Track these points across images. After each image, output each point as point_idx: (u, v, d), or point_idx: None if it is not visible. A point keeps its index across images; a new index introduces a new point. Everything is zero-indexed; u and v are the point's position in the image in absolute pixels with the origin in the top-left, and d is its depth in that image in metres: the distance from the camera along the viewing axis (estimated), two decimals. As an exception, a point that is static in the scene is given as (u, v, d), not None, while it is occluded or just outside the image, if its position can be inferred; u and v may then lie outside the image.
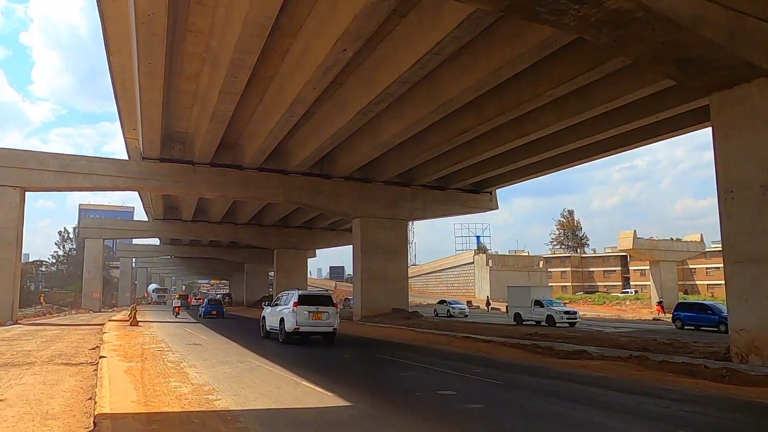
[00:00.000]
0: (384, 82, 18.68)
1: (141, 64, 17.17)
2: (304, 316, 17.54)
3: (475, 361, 13.42)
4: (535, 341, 17.45)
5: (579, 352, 14.90)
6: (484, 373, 10.86)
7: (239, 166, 29.67)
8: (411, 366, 12.34)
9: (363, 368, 12.45)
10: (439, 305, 43.94)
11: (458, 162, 29.39)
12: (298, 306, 17.70)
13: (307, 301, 18.05)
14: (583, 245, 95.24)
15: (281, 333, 18.08)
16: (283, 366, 10.73)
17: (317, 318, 17.75)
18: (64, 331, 20.22)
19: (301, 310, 17.64)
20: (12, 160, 26.08)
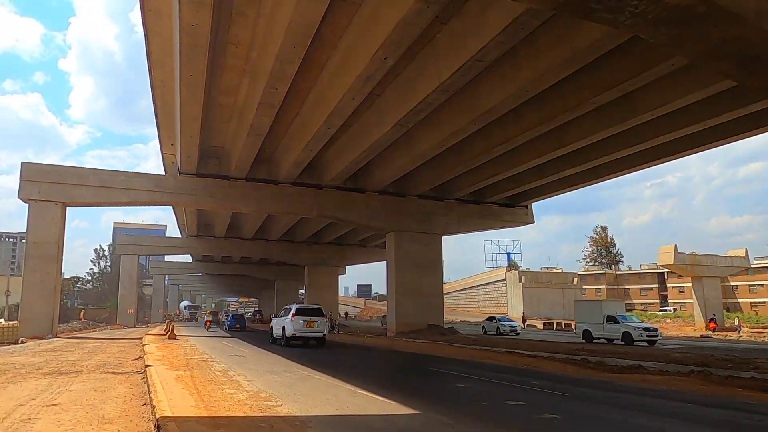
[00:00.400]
0: (423, 91, 18.45)
1: (182, 77, 17.30)
2: (300, 325, 22.05)
3: (528, 374, 12.87)
4: (584, 356, 16.76)
5: (634, 367, 14.20)
6: (544, 385, 10.34)
7: (274, 180, 29.72)
8: (464, 377, 11.88)
9: (416, 379, 12.05)
10: (488, 322, 40.65)
11: (494, 174, 28.92)
12: (296, 317, 22.27)
13: (302, 312, 22.93)
14: (617, 262, 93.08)
15: (283, 338, 22.26)
16: (333, 376, 10.39)
17: (310, 326, 22.24)
18: (104, 343, 20.26)
19: (297, 320, 22.19)
20: (54, 176, 26.57)
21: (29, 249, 25.95)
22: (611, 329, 28.21)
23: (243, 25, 16.48)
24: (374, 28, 15.10)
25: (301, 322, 22.08)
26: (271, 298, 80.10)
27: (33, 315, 25.14)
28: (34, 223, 25.93)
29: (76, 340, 22.14)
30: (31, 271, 25.65)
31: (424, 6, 13.26)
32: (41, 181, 26.17)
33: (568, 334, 37.68)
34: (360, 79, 17.21)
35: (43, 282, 25.50)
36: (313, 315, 22.89)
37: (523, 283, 66.05)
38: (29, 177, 26.17)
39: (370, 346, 23.99)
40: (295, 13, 13.61)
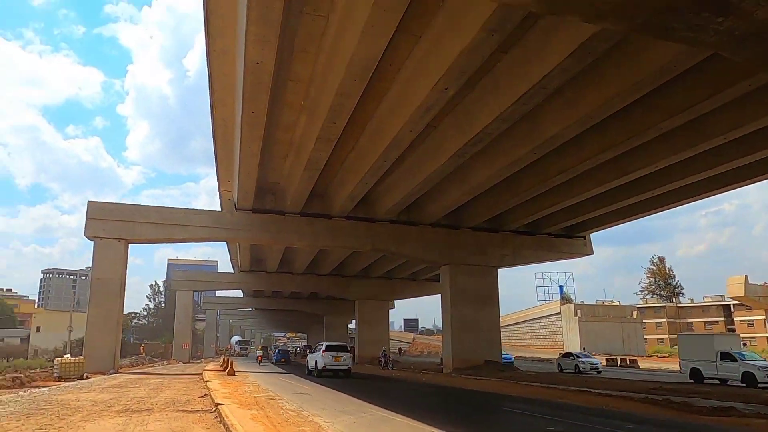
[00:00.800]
0: (482, 121, 18.19)
1: (244, 114, 17.60)
2: (329, 359, 26.18)
3: (615, 416, 12.04)
4: (665, 395, 15.67)
5: (724, 408, 13.12)
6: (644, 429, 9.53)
7: (327, 215, 29.82)
8: (550, 420, 11.18)
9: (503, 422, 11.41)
10: (564, 359, 36.86)
11: (551, 205, 28.15)
12: (325, 352, 26.60)
13: (331, 348, 27.31)
14: (677, 294, 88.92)
15: (315, 369, 26.46)
16: (409, 416, 9.93)
17: (337, 360, 26.36)
18: (165, 379, 20.35)
19: (327, 354, 26.40)
20: (117, 214, 27.43)
21: (94, 285, 26.67)
22: (727, 368, 24.55)
23: (303, 62, 16.69)
24: (435, 58, 15.02)
25: (330, 357, 26.34)
26: (320, 332, 79.98)
27: (96, 350, 25.62)
28: (99, 260, 26.69)
29: (138, 376, 22.36)
30: (95, 306, 26.29)
31: (488, 35, 13.09)
32: (106, 219, 27.04)
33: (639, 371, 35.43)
34: (419, 110, 17.10)
35: (107, 318, 26.06)
36: (339, 351, 27.32)
37: (579, 317, 63.68)
38: (95, 215, 27.10)
39: (430, 383, 23.30)
40: (357, 48, 13.67)
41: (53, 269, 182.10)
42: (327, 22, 14.66)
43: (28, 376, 25.41)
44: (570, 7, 8.82)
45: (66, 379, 20.87)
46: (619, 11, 9.20)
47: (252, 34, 13.13)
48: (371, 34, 13.02)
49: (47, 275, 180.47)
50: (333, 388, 17.87)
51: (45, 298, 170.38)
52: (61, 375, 21.13)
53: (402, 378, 26.47)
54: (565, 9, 9.01)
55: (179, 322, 52.92)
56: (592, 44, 13.40)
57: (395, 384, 21.30)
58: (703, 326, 75.70)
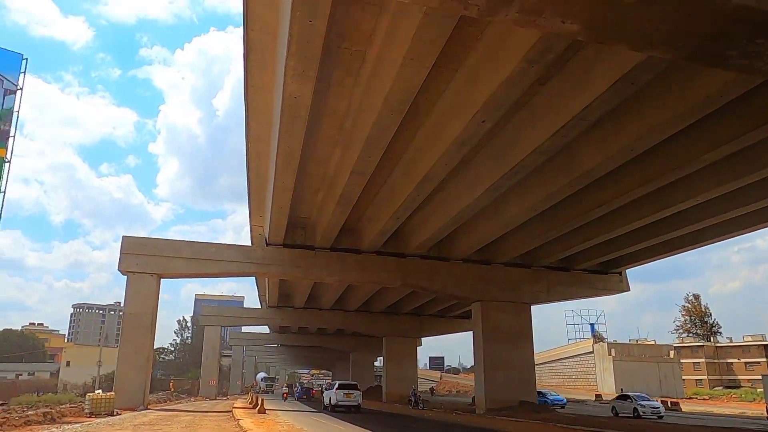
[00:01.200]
0: (518, 154, 17.94)
1: (280, 148, 17.66)
2: (341, 396, 31.02)
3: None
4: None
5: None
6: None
7: (357, 250, 29.63)
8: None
9: None
10: (620, 402, 34.74)
11: (587, 239, 27.47)
12: (338, 390, 31.83)
13: (343, 387, 32.51)
14: (714, 333, 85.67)
15: (330, 405, 31.19)
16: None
17: (348, 397, 31.29)
18: (196, 417, 20.01)
19: (339, 392, 31.42)
20: (150, 249, 27.65)
21: (126, 320, 26.72)
22: None
23: (339, 95, 16.77)
24: (473, 90, 14.94)
25: (342, 394, 31.29)
26: (345, 369, 78.90)
27: (126, 386, 25.47)
28: (132, 295, 26.81)
29: (168, 413, 22.05)
30: (126, 341, 26.29)
31: (528, 66, 12.97)
32: (139, 253, 27.27)
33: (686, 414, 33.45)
34: (455, 144, 16.97)
35: (137, 353, 25.99)
36: (350, 389, 32.55)
37: (613, 356, 61.58)
38: (129, 250, 27.36)
39: (466, 425, 22.46)
40: (395, 81, 13.67)
41: (83, 304, 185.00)
42: (364, 57, 14.73)
43: (59, 411, 25.33)
44: (619, 36, 8.63)
45: (97, 415, 20.68)
46: (671, 39, 8.97)
47: (291, 68, 13.22)
48: (410, 66, 13.01)
49: (77, 309, 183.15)
50: (364, 428, 17.29)
51: (75, 332, 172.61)
52: (92, 411, 20.97)
53: (437, 420, 25.66)
54: (614, 38, 8.82)
55: (207, 358, 52.70)
56: (635, 74, 13.16)
57: (432, 426, 20.54)
58: (744, 367, 72.52)
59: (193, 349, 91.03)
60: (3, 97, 24.82)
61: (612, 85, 13.51)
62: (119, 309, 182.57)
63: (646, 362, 62.02)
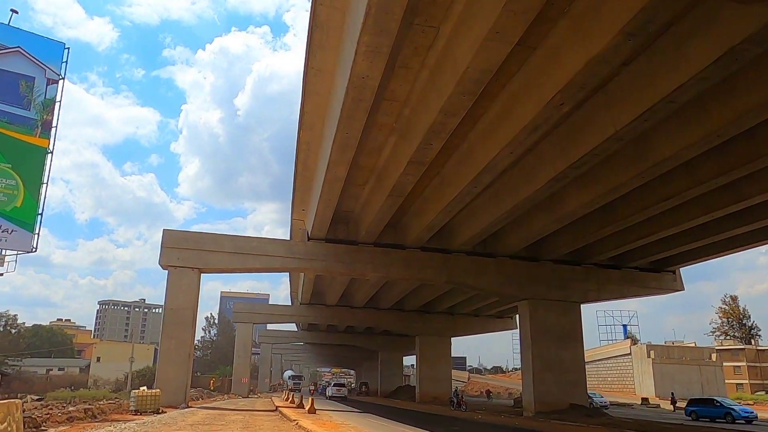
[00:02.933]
0: (590, 142, 16.75)
1: (338, 134, 16.74)
2: (334, 390, 53.63)
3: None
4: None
5: None
6: None
7: (401, 245, 28.66)
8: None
9: None
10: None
11: (645, 236, 26.07)
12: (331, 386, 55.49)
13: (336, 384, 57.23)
14: (753, 336, 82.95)
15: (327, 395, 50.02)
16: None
17: (339, 391, 53.81)
18: (246, 416, 19.23)
19: (333, 388, 55.08)
20: (191, 243, 27.00)
21: (167, 315, 26.10)
22: None
23: (403, 79, 15.80)
24: (553, 70, 13.82)
25: (335, 389, 54.19)
26: (372, 369, 77.98)
27: (168, 383, 24.84)
28: (172, 290, 26.19)
29: (216, 412, 21.32)
30: (168, 337, 25.67)
31: (624, 40, 11.81)
32: (180, 247, 26.64)
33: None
34: (525, 130, 15.85)
35: (179, 349, 25.37)
36: (341, 386, 56.29)
37: (652, 359, 59.64)
38: (170, 244, 26.74)
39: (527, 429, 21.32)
40: (475, 58, 12.61)
41: (109, 301, 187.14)
42: (437, 34, 13.74)
43: (99, 407, 24.81)
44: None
45: (143, 413, 20.02)
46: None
47: (363, 44, 12.29)
48: (494, 41, 11.96)
49: (103, 306, 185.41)
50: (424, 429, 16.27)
51: (100, 328, 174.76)
52: (137, 408, 20.32)
53: (487, 421, 24.52)
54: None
55: (239, 356, 52.20)
56: (745, 48, 11.91)
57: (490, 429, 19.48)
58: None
59: (220, 346, 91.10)
60: (46, 86, 24.37)
61: (714, 61, 12.28)
62: (144, 306, 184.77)
63: (686, 365, 59.98)
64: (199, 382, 62.37)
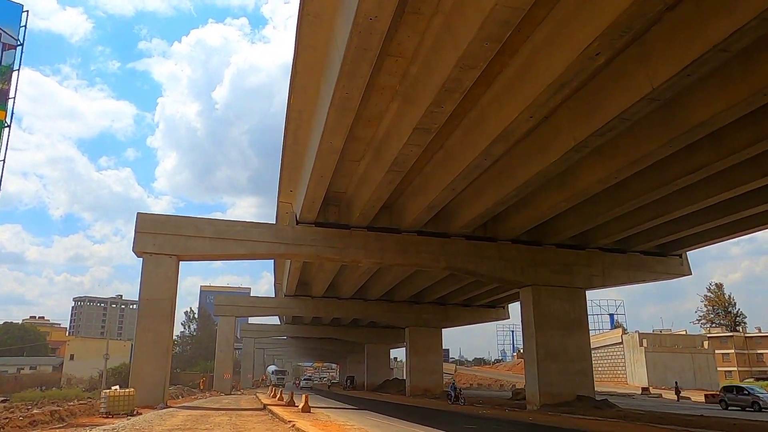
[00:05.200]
0: (620, 104, 14.87)
1: (336, 94, 14.62)
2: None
3: None
4: None
5: None
6: None
7: (396, 229, 26.69)
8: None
9: None
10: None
11: (654, 217, 24.52)
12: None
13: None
14: (739, 323, 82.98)
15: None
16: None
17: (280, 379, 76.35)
18: (232, 417, 17.10)
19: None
20: (169, 228, 24.68)
21: (142, 307, 23.80)
22: None
23: (413, 28, 13.73)
24: (588, 13, 11.91)
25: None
26: (358, 362, 76.18)
27: (144, 380, 22.61)
28: (148, 279, 23.90)
29: (198, 412, 19.12)
30: (144, 330, 23.38)
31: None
32: (156, 232, 24.31)
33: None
34: (550, 89, 13.92)
35: (156, 343, 23.12)
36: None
37: (645, 347, 58.69)
38: (145, 229, 24.39)
39: (537, 424, 19.56)
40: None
41: (84, 297, 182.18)
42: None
43: (67, 409, 22.46)
44: None
45: (115, 415, 17.77)
46: None
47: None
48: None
49: (78, 303, 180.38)
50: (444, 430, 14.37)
51: (76, 325, 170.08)
52: (109, 410, 18.05)
53: (496, 417, 22.73)
54: None
55: (220, 350, 49.77)
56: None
57: (506, 426, 17.67)
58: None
59: (200, 342, 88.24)
60: (1, 52, 21.74)
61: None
62: (121, 302, 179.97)
63: (679, 353, 59.18)
64: (179, 379, 59.87)
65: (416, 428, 15.15)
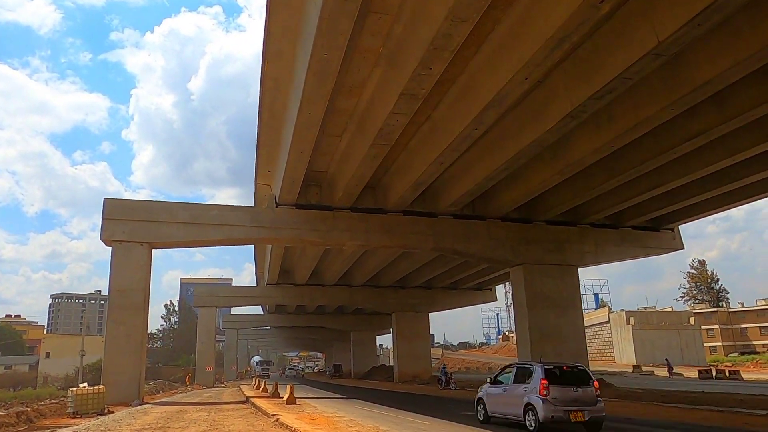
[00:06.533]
0: (621, 62, 13.77)
1: (314, 57, 13.25)
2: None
3: None
4: None
5: None
6: None
7: (381, 209, 25.47)
8: None
9: None
10: None
11: (647, 190, 23.60)
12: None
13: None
14: (721, 299, 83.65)
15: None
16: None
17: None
18: (210, 412, 15.83)
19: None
20: (140, 213, 23.13)
21: (113, 298, 22.32)
22: None
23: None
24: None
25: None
26: (344, 350, 75.21)
27: (117, 376, 21.21)
28: (118, 268, 22.39)
29: (174, 408, 17.78)
30: (115, 323, 21.92)
31: None
32: (126, 219, 22.75)
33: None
34: (548, 45, 12.71)
35: (129, 336, 21.67)
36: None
37: (632, 325, 58.53)
38: (113, 215, 22.81)
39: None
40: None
41: (62, 294, 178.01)
42: None
43: (36, 410, 21.02)
44: None
45: (83, 415, 16.39)
46: None
47: None
48: None
49: (56, 300, 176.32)
50: (456, 422, 13.28)
51: (54, 323, 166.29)
52: (76, 410, 16.65)
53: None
54: None
55: (201, 343, 48.23)
56: None
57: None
58: (759, 332, 70.30)
59: (182, 335, 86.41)
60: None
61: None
62: (100, 298, 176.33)
63: (665, 330, 59.16)
64: (160, 374, 58.28)
65: (412, 417, 14.04)
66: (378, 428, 10.25)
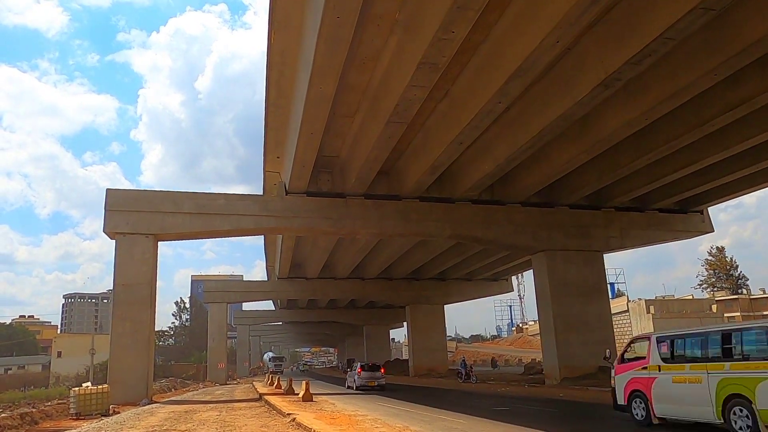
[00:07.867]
0: (662, 21, 12.50)
1: (325, 21, 12.04)
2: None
3: None
4: None
5: None
6: None
7: (396, 196, 24.29)
8: None
9: None
10: None
11: (678, 168, 22.24)
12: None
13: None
14: (740, 286, 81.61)
15: None
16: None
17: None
18: (221, 411, 14.75)
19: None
20: (144, 204, 22.08)
21: (117, 293, 21.30)
22: None
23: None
24: None
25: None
26: (357, 344, 74.29)
27: (123, 374, 20.26)
28: (123, 262, 21.37)
29: (183, 408, 16.73)
30: (121, 319, 20.90)
31: None
32: (130, 210, 21.71)
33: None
34: (576, 9, 11.45)
35: (135, 332, 20.66)
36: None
37: (653, 314, 56.95)
38: (116, 206, 21.77)
39: (570, 401, 17.43)
40: None
41: (75, 294, 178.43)
42: None
43: (42, 410, 20.18)
44: None
45: (86, 416, 15.36)
46: None
47: None
48: None
49: (69, 300, 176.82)
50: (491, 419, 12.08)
51: (68, 323, 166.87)
52: (79, 411, 15.64)
53: (519, 395, 20.65)
54: None
55: (213, 339, 47.34)
56: None
57: (541, 404, 15.51)
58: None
59: (193, 332, 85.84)
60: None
61: None
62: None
63: (687, 318, 57.46)
64: (172, 371, 57.54)
65: (442, 415, 12.85)
66: (408, 428, 9.09)
